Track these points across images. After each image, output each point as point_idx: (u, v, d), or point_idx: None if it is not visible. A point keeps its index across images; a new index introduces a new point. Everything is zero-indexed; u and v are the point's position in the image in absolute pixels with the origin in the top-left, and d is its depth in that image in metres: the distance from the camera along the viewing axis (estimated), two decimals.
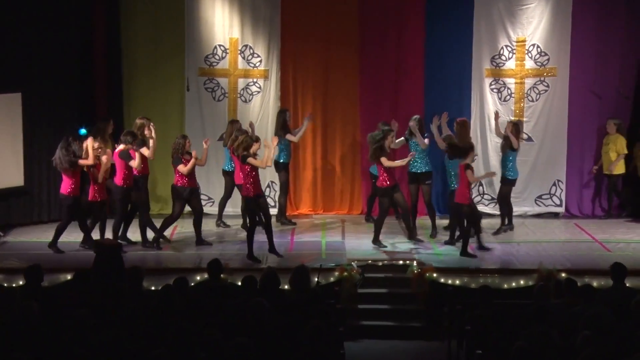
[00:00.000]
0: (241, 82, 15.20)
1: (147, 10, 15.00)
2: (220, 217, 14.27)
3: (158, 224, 12.92)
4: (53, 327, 7.63)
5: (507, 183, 13.80)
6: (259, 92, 15.23)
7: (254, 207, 12.04)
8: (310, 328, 7.32)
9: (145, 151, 12.70)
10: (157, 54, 15.05)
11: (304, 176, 15.27)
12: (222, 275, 10.07)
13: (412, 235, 12.94)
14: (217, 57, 15.13)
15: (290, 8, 15.14)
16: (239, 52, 15.13)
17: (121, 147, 12.52)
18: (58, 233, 12.52)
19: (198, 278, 10.86)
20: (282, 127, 14.04)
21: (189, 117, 15.14)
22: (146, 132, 12.94)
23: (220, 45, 15.11)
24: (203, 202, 14.14)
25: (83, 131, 14.64)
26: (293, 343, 7.49)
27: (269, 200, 14.16)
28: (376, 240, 12.69)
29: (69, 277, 10.87)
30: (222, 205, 14.24)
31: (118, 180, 12.54)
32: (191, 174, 12.76)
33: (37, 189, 14.39)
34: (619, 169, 14.68)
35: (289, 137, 14.07)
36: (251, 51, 15.15)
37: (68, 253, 12.41)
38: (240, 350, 6.72)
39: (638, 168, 14.49)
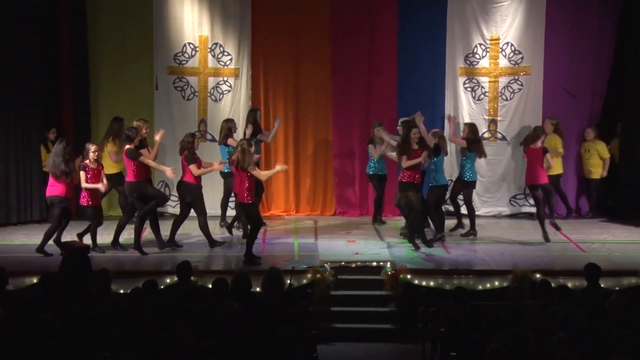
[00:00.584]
0: (211, 81, 15.15)
1: (114, 7, 14.93)
2: (223, 218, 14.06)
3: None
4: (18, 332, 7.53)
5: (466, 186, 13.59)
6: (229, 91, 15.19)
7: (252, 212, 11.97)
8: (282, 331, 7.29)
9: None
10: (125, 53, 14.98)
11: (276, 176, 15.19)
12: (192, 278, 10.01)
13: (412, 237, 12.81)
14: (186, 55, 15.06)
15: (261, 5, 15.12)
16: (209, 50, 15.08)
17: (127, 146, 12.42)
18: (47, 237, 12.23)
19: (168, 281, 10.79)
20: (254, 126, 13.88)
21: (158, 117, 15.04)
22: (143, 132, 12.72)
23: (189, 43, 15.04)
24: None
25: None
26: (265, 347, 7.45)
27: None
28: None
29: (34, 280, 10.75)
30: (224, 205, 14.03)
31: (130, 177, 12.40)
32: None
33: (3, 192, 14.24)
34: (599, 173, 14.88)
35: (260, 137, 14.02)
36: (221, 49, 15.10)
37: (34, 256, 12.27)
38: (211, 355, 6.68)
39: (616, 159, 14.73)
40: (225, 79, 15.18)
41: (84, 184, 12.24)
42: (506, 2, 14.98)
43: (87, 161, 12.25)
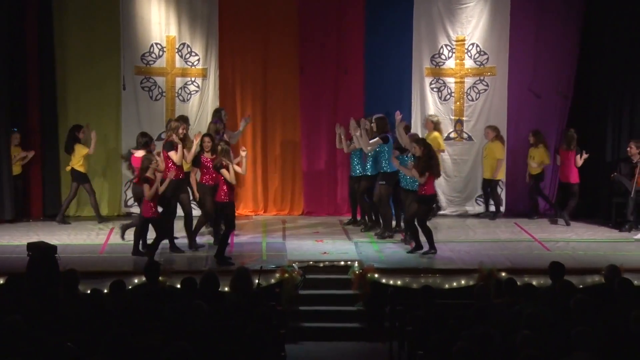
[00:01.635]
0: (179, 81, 15.10)
1: (80, 7, 14.80)
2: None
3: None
4: None
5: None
6: (197, 91, 15.14)
7: (229, 212, 11.95)
8: (250, 331, 7.29)
9: (173, 155, 12.40)
10: (92, 52, 14.86)
11: (244, 176, 15.20)
12: (160, 278, 9.98)
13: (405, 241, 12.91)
14: (153, 55, 15.00)
15: (228, 5, 15.09)
16: (176, 50, 15.03)
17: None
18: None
19: (136, 281, 10.74)
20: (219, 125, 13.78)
21: (125, 117, 14.99)
22: (180, 132, 12.56)
23: (157, 44, 14.98)
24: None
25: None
26: (234, 346, 7.45)
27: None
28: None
29: (1, 281, 10.65)
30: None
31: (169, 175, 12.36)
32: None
33: None
34: (490, 173, 14.99)
35: (225, 137, 13.94)
36: (189, 49, 15.06)
37: (0, 256, 12.15)
38: (179, 355, 6.67)
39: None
40: (193, 79, 15.13)
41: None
42: (471, 4, 15.07)
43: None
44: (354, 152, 13.90)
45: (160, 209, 12.24)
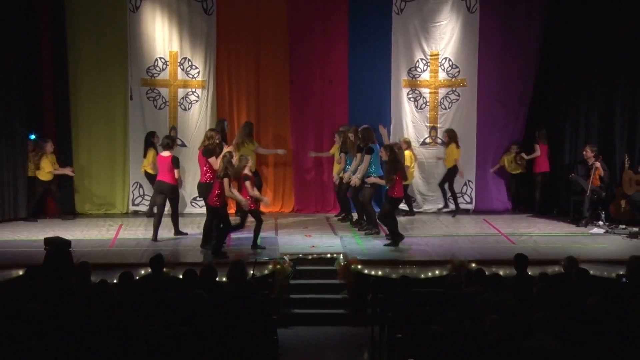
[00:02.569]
0: (181, 92, 15.07)
1: (91, 25, 14.76)
2: None
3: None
4: (5, 321, 7.44)
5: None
6: (197, 100, 15.11)
7: (221, 213, 11.88)
8: (246, 316, 7.28)
9: (213, 161, 12.23)
10: (102, 66, 14.83)
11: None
12: (164, 270, 9.96)
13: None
14: (158, 68, 14.96)
15: (225, 24, 15.08)
16: (178, 64, 15.00)
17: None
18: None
19: (142, 272, 10.70)
20: (220, 135, 13.75)
21: (132, 124, 14.96)
22: (217, 140, 12.39)
23: (160, 58, 14.94)
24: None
25: (32, 137, 14.45)
26: (230, 330, 7.44)
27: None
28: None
29: (20, 272, 10.61)
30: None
31: (204, 178, 12.32)
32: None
33: None
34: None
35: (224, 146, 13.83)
36: (189, 63, 15.03)
37: (19, 250, 12.10)
38: (180, 338, 6.66)
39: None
40: (194, 90, 15.11)
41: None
42: (444, 22, 15.09)
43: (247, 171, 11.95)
44: (348, 155, 13.86)
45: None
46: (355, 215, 14.15)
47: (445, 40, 15.11)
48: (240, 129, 14.40)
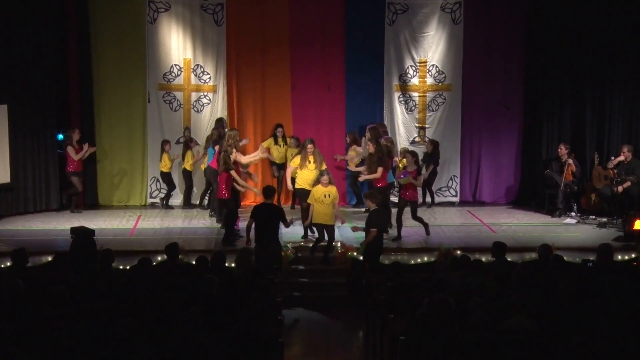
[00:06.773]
0: (194, 95, 15.05)
1: (113, 36, 14.74)
2: (213, 209, 13.79)
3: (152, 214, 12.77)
4: (36, 302, 7.46)
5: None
6: (209, 103, 15.10)
7: (229, 205, 11.86)
8: (253, 299, 7.30)
9: (240, 157, 12.32)
10: (123, 73, 14.82)
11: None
12: (179, 256, 9.96)
13: None
14: (173, 74, 14.95)
15: (234, 34, 15.05)
16: (191, 70, 14.98)
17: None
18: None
19: (159, 258, 10.71)
20: (219, 133, 13.69)
21: (150, 125, 14.95)
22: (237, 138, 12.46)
23: (175, 65, 14.93)
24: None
25: (60, 136, 14.44)
26: (239, 312, 7.45)
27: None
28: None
29: (49, 258, 10.64)
30: (214, 197, 13.53)
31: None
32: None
33: (22, 185, 14.07)
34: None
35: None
36: (202, 69, 15.01)
37: (48, 238, 12.10)
38: (193, 318, 6.67)
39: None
40: (205, 93, 15.09)
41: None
42: (432, 32, 15.07)
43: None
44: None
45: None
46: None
47: (432, 49, 15.08)
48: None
